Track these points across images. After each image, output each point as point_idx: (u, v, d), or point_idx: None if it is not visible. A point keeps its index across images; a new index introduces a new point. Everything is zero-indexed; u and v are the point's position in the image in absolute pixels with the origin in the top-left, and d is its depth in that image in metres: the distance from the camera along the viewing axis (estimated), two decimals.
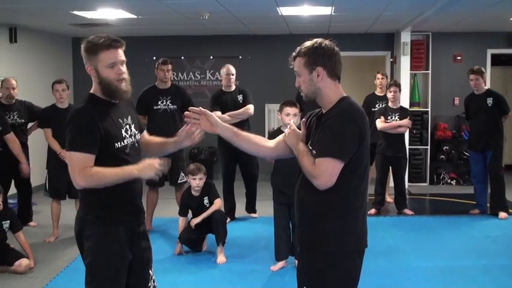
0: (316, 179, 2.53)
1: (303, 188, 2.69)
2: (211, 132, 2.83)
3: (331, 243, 2.60)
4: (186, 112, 2.86)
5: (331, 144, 2.51)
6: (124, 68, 2.90)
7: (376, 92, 8.25)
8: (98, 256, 2.89)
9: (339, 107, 2.61)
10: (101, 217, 2.90)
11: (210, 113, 2.84)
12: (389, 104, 7.45)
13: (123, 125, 2.94)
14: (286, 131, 2.82)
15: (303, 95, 2.74)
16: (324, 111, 2.70)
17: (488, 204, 7.53)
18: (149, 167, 2.85)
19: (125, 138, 2.92)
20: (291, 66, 2.75)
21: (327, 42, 2.66)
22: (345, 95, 2.68)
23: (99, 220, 2.89)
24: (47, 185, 6.55)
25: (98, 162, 2.80)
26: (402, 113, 7.41)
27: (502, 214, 7.27)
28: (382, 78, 8.19)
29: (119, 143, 2.88)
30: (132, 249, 2.97)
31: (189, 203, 5.81)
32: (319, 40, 2.67)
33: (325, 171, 2.50)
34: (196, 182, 5.66)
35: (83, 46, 2.88)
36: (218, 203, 5.76)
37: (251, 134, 2.94)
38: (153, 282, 3.14)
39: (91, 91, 2.93)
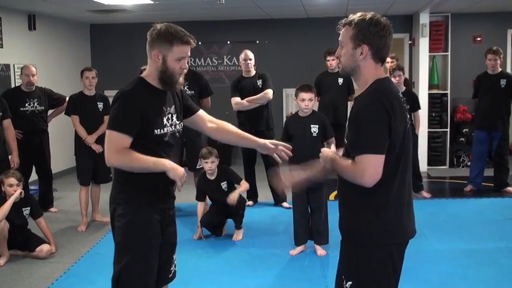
0: (360, 178, 2.39)
1: (342, 180, 2.58)
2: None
3: (365, 235, 2.53)
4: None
5: (365, 140, 2.38)
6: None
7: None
8: (128, 235, 2.90)
9: (367, 94, 2.47)
10: (133, 198, 2.93)
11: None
12: None
13: (166, 113, 2.95)
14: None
15: (339, 67, 2.64)
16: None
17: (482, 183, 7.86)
18: (178, 172, 2.86)
19: (165, 126, 2.93)
20: (339, 32, 2.58)
21: (383, 20, 2.50)
22: (382, 77, 2.53)
23: (132, 200, 2.93)
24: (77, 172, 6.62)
25: (135, 146, 2.82)
26: (409, 97, 7.18)
27: (511, 189, 7.62)
28: (391, 62, 8.07)
29: (158, 130, 2.90)
30: (162, 232, 3.00)
31: (205, 187, 5.86)
32: (376, 16, 2.50)
33: (367, 168, 2.37)
34: (209, 165, 5.70)
35: (157, 31, 2.89)
36: (245, 185, 5.87)
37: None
38: (175, 266, 3.18)
39: (142, 75, 2.97)
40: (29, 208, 5.51)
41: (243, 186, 5.83)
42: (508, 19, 9.80)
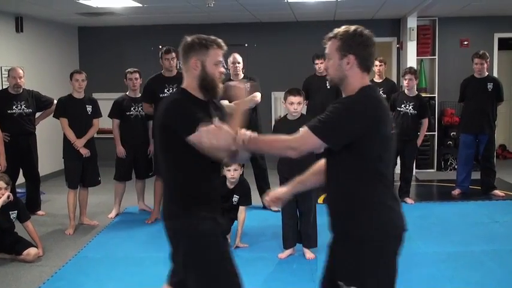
0: (291, 148, 2.54)
1: (332, 181, 2.65)
2: None
3: (373, 234, 2.59)
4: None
5: (322, 123, 2.46)
6: None
7: (374, 79, 8.14)
8: (212, 254, 2.85)
9: (351, 96, 2.55)
10: (196, 213, 2.85)
11: None
12: (405, 91, 7.35)
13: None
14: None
15: (327, 79, 2.71)
16: None
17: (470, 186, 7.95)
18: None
19: None
20: (325, 46, 2.66)
21: (366, 32, 2.59)
22: (367, 84, 2.60)
23: (197, 215, 2.84)
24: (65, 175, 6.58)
25: (187, 154, 2.77)
26: (417, 102, 7.23)
27: (498, 192, 7.69)
28: (380, 65, 8.09)
29: None
30: None
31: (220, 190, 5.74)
32: (359, 28, 2.60)
33: (305, 144, 2.51)
34: (231, 173, 5.56)
35: (190, 41, 2.89)
36: (243, 215, 5.69)
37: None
38: None
39: (183, 86, 2.93)
40: (16, 212, 5.47)
41: (242, 216, 5.66)
42: (495, 23, 9.87)
